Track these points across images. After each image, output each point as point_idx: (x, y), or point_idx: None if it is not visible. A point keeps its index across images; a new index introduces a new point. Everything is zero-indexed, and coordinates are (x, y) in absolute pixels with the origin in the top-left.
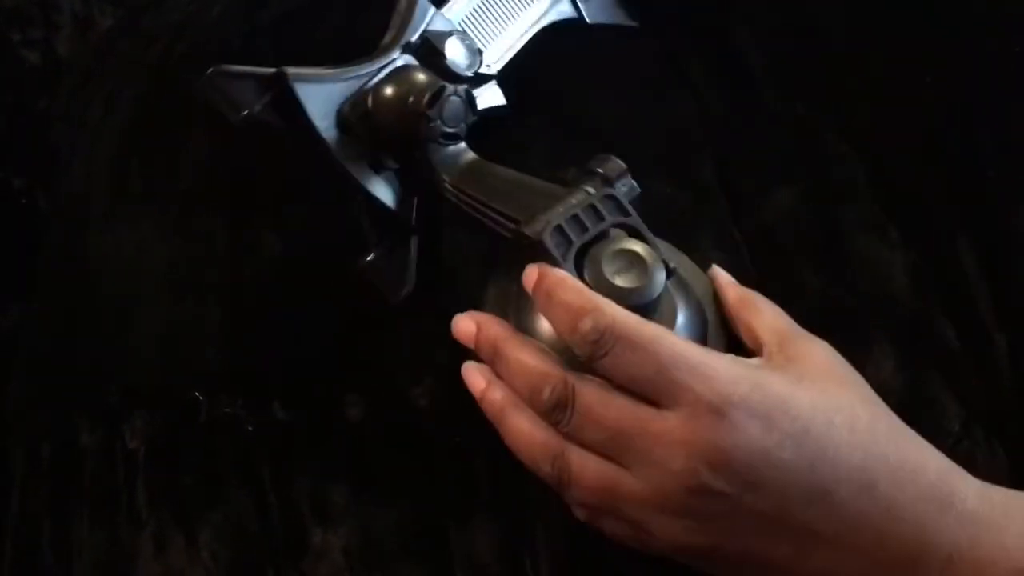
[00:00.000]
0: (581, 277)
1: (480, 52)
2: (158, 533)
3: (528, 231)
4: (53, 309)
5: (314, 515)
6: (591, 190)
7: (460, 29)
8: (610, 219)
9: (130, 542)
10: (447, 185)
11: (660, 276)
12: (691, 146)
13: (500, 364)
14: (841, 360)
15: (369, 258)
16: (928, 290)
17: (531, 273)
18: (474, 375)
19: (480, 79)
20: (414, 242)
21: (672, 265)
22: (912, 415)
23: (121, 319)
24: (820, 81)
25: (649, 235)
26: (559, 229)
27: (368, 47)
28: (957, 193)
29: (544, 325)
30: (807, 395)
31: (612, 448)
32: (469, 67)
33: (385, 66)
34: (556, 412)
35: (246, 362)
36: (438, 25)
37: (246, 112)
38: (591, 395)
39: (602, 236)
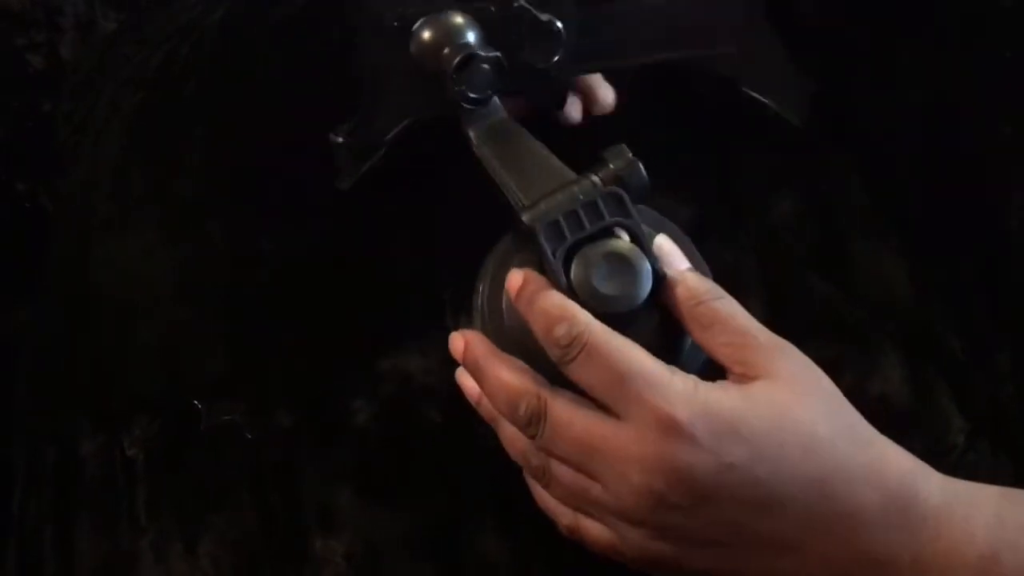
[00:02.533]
0: (567, 274)
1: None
2: (158, 540)
3: (526, 218)
4: (56, 314)
5: (317, 521)
6: (598, 181)
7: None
8: (609, 219)
9: (130, 549)
10: (473, 139)
11: (646, 286)
12: (693, 154)
13: (482, 381)
14: (807, 366)
15: (339, 139)
16: (932, 299)
17: (515, 277)
18: (469, 381)
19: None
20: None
21: (662, 272)
22: (917, 427)
23: (123, 324)
24: (819, 88)
25: (645, 240)
26: (555, 224)
27: None
28: (957, 200)
29: None
30: (759, 421)
31: (580, 461)
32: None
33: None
34: (531, 427)
35: (250, 368)
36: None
37: None
38: (561, 410)
39: (598, 235)
